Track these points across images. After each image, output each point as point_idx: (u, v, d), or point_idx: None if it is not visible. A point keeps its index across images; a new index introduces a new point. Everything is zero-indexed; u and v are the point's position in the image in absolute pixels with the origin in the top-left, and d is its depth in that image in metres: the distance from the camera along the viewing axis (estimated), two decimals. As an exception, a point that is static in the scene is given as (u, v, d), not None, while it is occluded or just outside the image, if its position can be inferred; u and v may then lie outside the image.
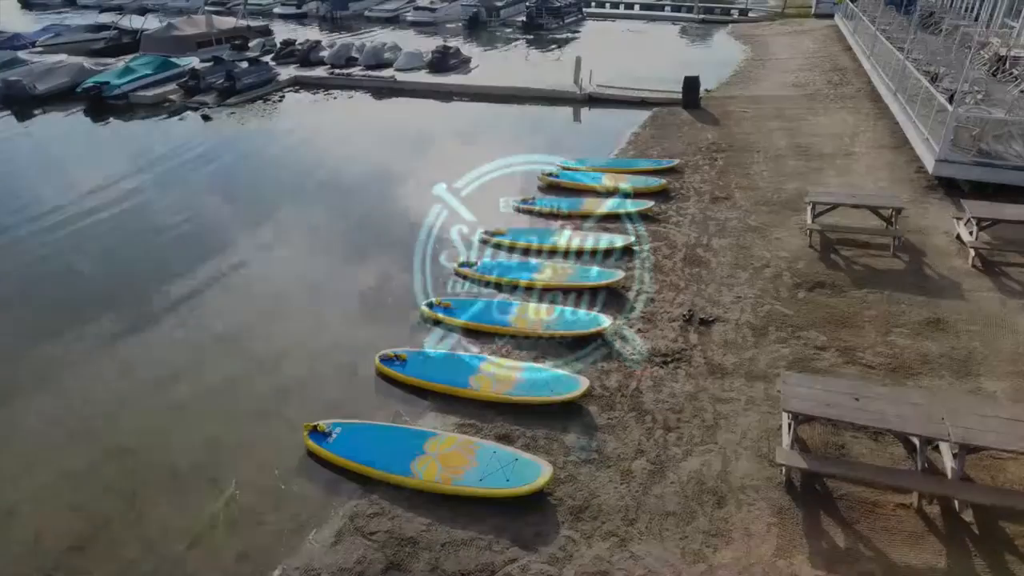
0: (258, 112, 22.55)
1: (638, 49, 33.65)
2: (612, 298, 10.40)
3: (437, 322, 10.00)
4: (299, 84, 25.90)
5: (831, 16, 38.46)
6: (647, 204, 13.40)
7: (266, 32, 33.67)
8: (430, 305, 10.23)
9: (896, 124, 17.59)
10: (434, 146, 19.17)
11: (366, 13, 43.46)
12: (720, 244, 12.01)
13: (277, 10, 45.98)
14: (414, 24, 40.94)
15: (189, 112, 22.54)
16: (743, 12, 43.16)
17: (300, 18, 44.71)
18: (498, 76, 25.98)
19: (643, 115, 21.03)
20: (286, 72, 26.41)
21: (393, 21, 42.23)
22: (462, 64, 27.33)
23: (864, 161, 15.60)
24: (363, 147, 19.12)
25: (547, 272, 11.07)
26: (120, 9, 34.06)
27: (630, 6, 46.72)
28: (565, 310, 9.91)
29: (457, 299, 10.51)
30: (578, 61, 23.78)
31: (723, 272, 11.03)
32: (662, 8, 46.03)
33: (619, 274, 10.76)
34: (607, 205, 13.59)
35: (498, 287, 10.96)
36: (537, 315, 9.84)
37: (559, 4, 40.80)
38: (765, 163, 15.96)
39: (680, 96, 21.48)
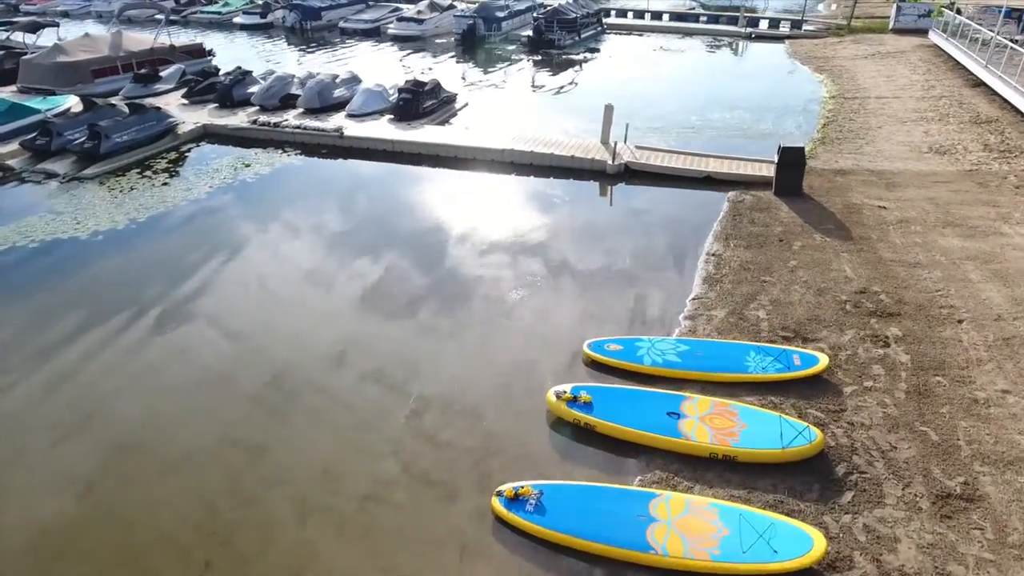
0: (119, 195, 14.15)
1: (677, 77, 25.86)
2: None
3: None
4: (209, 136, 18.23)
5: (919, 32, 30.57)
6: (810, 539, 5.63)
7: (200, 53, 25.96)
8: None
9: None
10: (361, 278, 11.18)
11: (341, 24, 36.04)
12: None
13: (238, 20, 38.66)
14: (397, 39, 33.46)
15: (33, 185, 14.88)
16: (796, 25, 35.22)
17: (265, 29, 37.38)
18: (491, 125, 18.28)
19: (714, 205, 13.29)
20: (197, 116, 18.82)
21: (373, 34, 34.81)
22: (442, 106, 19.46)
23: None
24: (231, 298, 10.90)
25: None
26: (9, 23, 26.49)
27: (658, 16, 38.86)
28: None
29: None
30: (608, 111, 16.00)
31: None
32: (697, 19, 38.18)
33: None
34: (713, 536, 5.85)
35: None
36: None
37: (574, 15, 32.89)
38: (991, 359, 8.16)
39: (766, 169, 13.90)
